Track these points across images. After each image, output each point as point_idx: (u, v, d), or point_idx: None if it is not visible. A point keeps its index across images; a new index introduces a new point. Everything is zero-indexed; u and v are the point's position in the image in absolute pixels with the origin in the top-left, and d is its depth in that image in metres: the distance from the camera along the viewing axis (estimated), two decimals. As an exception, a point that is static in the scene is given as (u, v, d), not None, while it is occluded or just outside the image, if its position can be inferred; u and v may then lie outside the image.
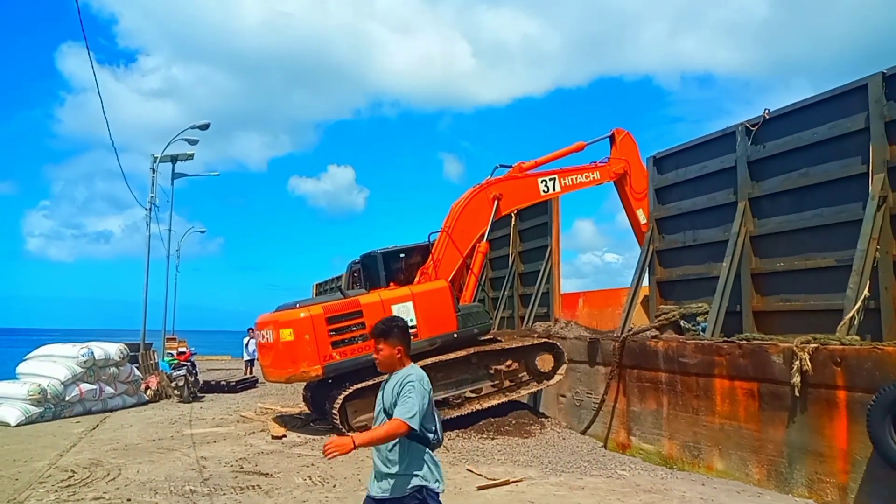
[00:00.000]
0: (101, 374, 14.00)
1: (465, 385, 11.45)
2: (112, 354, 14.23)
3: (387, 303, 11.31)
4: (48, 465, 8.99)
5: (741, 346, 7.77)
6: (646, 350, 9.46)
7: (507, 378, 11.64)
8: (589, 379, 11.14)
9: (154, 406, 15.24)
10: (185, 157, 23.19)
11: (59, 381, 12.93)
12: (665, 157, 11.05)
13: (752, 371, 7.60)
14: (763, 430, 7.45)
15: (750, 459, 7.64)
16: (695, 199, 10.33)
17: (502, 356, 11.67)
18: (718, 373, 8.09)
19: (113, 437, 11.18)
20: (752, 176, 9.17)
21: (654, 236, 11.16)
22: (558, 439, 10.75)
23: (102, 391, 13.96)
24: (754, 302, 8.94)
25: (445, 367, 11.28)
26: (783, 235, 8.64)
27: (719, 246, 9.71)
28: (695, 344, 8.52)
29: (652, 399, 9.40)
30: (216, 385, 17.65)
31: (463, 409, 11.20)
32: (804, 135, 8.33)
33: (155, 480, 7.99)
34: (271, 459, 9.18)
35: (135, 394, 15.22)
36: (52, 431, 11.73)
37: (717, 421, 8.14)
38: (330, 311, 11.03)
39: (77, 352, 13.50)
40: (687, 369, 8.59)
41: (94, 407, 13.81)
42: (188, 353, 16.79)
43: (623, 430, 10.07)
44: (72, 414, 13.25)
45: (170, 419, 13.17)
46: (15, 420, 12.10)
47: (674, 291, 10.77)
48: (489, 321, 12.14)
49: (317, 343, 10.67)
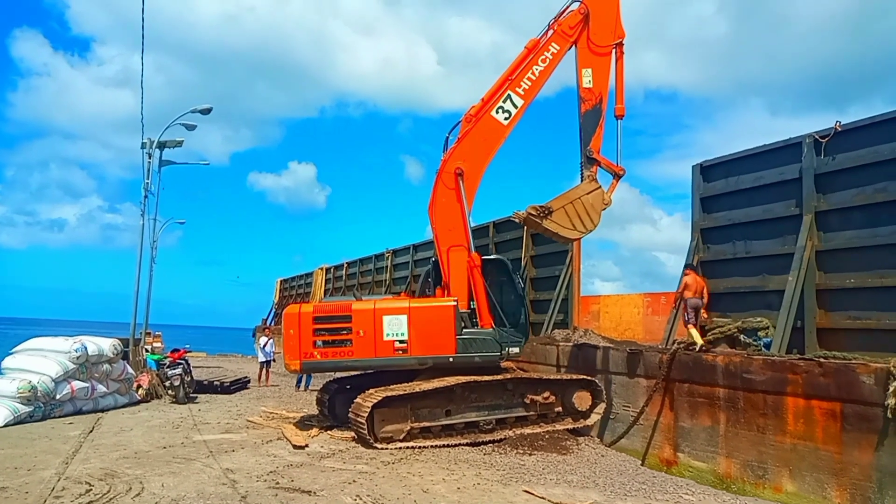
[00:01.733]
0: (93, 370, 12.96)
1: (497, 410, 10.93)
2: (105, 350, 13.21)
3: (379, 312, 10.97)
4: (55, 474, 8.11)
5: (821, 364, 7.48)
6: (701, 364, 9.12)
7: (541, 410, 11.15)
8: (627, 391, 10.76)
9: (148, 407, 14.22)
10: (173, 144, 21.99)
11: (51, 377, 11.88)
12: (713, 165, 10.77)
13: (834, 390, 7.30)
14: (846, 452, 7.16)
15: (829, 482, 7.34)
16: (748, 210, 10.07)
17: (540, 386, 11.16)
18: (792, 391, 7.78)
19: (116, 441, 10.27)
20: (817, 189, 8.94)
21: (699, 246, 10.86)
22: (597, 456, 10.34)
23: (94, 389, 12.92)
24: (818, 318, 8.70)
25: (479, 389, 10.78)
26: (853, 251, 8.41)
27: (776, 259, 9.47)
28: (763, 360, 8.21)
29: (706, 415, 9.05)
30: (209, 385, 16.68)
31: (494, 434, 10.69)
32: (882, 149, 8.11)
33: (187, 498, 7.22)
34: (305, 474, 8.48)
35: (126, 392, 14.18)
36: (46, 434, 10.72)
37: (787, 440, 7.83)
38: (319, 312, 11.19)
39: (69, 346, 12.44)
40: (752, 386, 8.26)
41: (84, 406, 12.77)
42: (182, 350, 15.79)
43: (668, 446, 9.71)
44: (62, 413, 12.21)
45: (171, 422, 12.25)
46: (3, 420, 11.04)
47: (720, 304, 10.48)
48: (497, 353, 10.96)
49: (300, 340, 10.93)
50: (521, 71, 11.33)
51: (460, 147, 11.53)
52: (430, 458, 9.66)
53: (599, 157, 10.96)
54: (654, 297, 18.05)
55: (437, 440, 10.38)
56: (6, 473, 8.10)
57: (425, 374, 11.06)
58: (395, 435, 10.26)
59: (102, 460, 8.92)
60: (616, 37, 11.05)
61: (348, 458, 9.49)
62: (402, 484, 8.08)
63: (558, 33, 11.17)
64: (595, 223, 10.76)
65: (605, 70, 11.02)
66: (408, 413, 10.40)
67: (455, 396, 10.61)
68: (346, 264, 32.52)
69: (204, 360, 29.75)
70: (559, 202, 10.76)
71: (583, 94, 10.93)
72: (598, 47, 10.94)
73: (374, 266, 28.47)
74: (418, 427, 10.42)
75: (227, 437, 10.93)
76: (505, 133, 11.46)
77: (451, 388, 10.46)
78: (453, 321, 10.82)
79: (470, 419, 10.72)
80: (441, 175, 11.54)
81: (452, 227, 11.51)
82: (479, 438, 10.55)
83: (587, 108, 10.93)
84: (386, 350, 10.83)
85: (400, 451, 9.98)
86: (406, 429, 10.33)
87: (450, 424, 10.63)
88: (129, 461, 8.91)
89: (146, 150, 19.97)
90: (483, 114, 11.39)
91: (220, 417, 13.02)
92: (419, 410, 10.46)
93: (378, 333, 10.84)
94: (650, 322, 17.48)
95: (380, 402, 10.17)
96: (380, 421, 10.25)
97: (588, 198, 10.77)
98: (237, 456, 9.48)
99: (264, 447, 10.21)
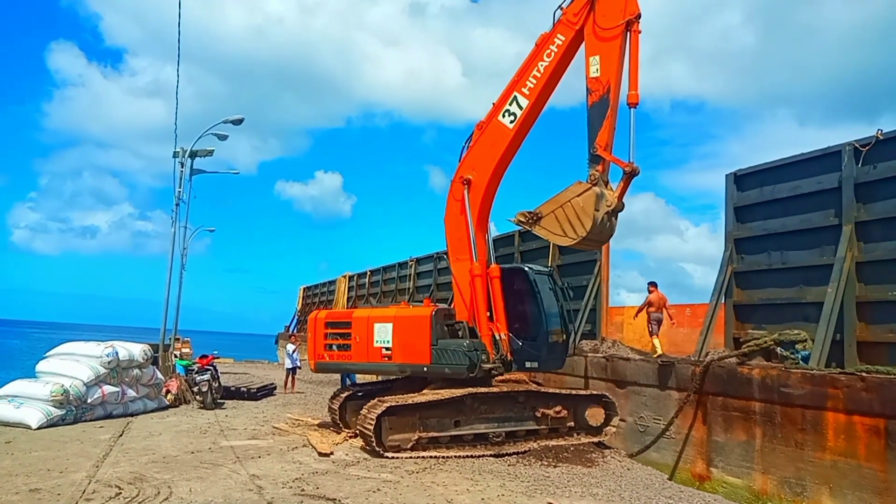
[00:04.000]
0: (123, 375, 13.15)
1: (507, 423, 10.75)
2: (136, 355, 13.39)
3: (372, 320, 11.58)
4: (86, 477, 8.22)
5: (864, 379, 7.21)
6: (736, 377, 8.87)
7: (553, 424, 10.94)
8: (657, 404, 10.52)
9: (176, 412, 14.37)
10: (204, 154, 22.35)
11: (82, 381, 12.08)
12: (747, 174, 10.52)
13: (878, 406, 7.03)
14: (892, 470, 6.88)
15: (872, 501, 7.05)
16: (784, 220, 9.80)
17: (552, 401, 10.98)
18: (832, 406, 7.52)
19: (146, 446, 10.37)
20: (857, 198, 8.66)
21: (733, 257, 10.60)
22: (622, 469, 10.12)
23: (125, 394, 13.11)
24: (859, 331, 8.41)
25: (489, 401, 10.63)
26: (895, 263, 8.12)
27: (813, 270, 9.19)
28: (801, 373, 7.95)
29: (741, 429, 8.80)
30: (236, 391, 16.79)
31: (503, 447, 10.45)
32: (927, 157, 7.84)
33: (214, 503, 7.25)
34: (330, 481, 8.44)
35: (156, 398, 14.35)
36: (77, 437, 10.89)
37: (828, 457, 7.56)
38: (330, 317, 12.43)
39: (101, 351, 12.66)
40: (790, 400, 8.01)
41: (115, 410, 12.95)
42: (210, 357, 15.94)
43: (701, 461, 9.46)
44: (93, 417, 12.39)
45: (199, 428, 12.35)
46: (36, 422, 11.24)
47: (754, 315, 10.21)
48: (463, 365, 10.42)
49: (315, 342, 12.19)
50: (523, 66, 10.60)
51: (469, 156, 11.24)
52: (454, 468, 9.54)
53: (605, 153, 9.56)
54: (679, 309, 17.63)
55: (446, 451, 10.19)
56: (39, 475, 8.22)
57: (436, 383, 10.97)
58: (403, 444, 10.12)
59: (132, 464, 9.01)
60: (627, 14, 9.51)
61: (373, 467, 9.43)
62: (426, 494, 7.99)
63: (562, 22, 10.21)
64: (586, 227, 9.44)
65: (613, 55, 9.58)
66: (416, 423, 10.26)
67: (464, 407, 10.46)
68: (369, 272, 32.59)
69: (231, 367, 30.04)
70: (549, 206, 9.84)
71: (589, 85, 9.70)
72: (606, 31, 9.64)
73: (397, 274, 28.48)
74: (426, 437, 10.27)
75: (254, 444, 10.96)
76: (510, 137, 10.68)
77: (461, 399, 10.34)
78: (429, 331, 10.76)
79: (479, 431, 10.54)
80: (452, 186, 11.43)
81: (460, 238, 11.36)
82: (492, 451, 10.32)
83: (594, 100, 9.64)
84: (375, 356, 11.34)
85: (424, 460, 9.88)
86: (414, 438, 10.18)
87: (459, 435, 10.44)
88: (158, 465, 8.99)
89: (178, 159, 20.31)
90: (490, 119, 10.93)
91: (247, 423, 13.09)
92: (427, 420, 10.32)
93: (370, 340, 11.42)
94: (674, 334, 17.09)
95: (387, 410, 10.10)
96: (387, 429, 10.13)
97: (578, 200, 9.56)
98: (263, 462, 9.49)
99: (290, 454, 10.21)
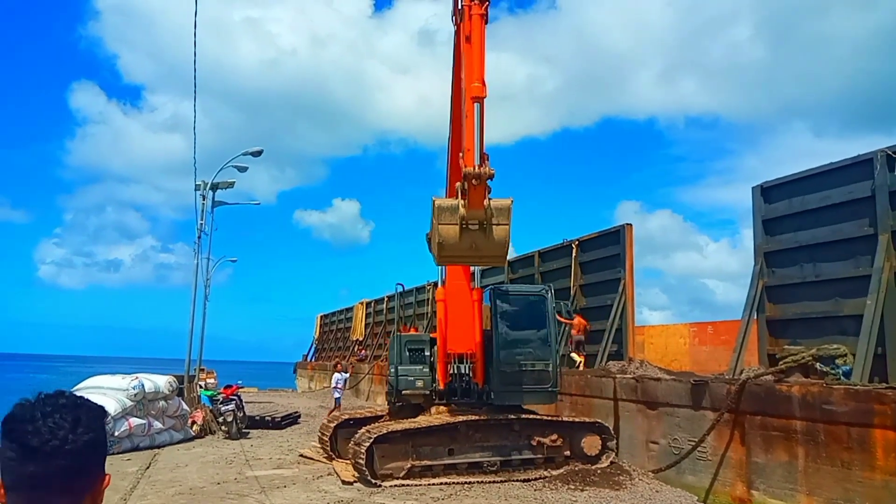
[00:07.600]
0: (150, 407, 13.16)
1: (502, 452, 10.52)
2: (161, 387, 13.42)
3: None
4: (115, 510, 8.14)
5: (911, 394, 6.91)
6: (774, 395, 8.57)
7: (549, 453, 10.67)
8: (692, 425, 10.18)
9: (202, 442, 14.30)
10: (225, 186, 22.62)
11: (110, 415, 12.07)
12: (774, 186, 10.33)
13: (928, 423, 6.71)
14: (947, 491, 6.53)
15: (929, 524, 6.69)
16: (814, 231, 9.57)
17: (548, 428, 10.75)
18: (880, 422, 7.20)
19: (172, 478, 10.30)
20: (892, 206, 8.43)
21: (763, 271, 10.35)
22: (651, 492, 9.80)
23: (151, 426, 13.09)
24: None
25: (483, 428, 10.45)
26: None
27: (849, 282, 8.93)
28: (845, 389, 7.65)
29: (782, 449, 8.46)
30: (260, 420, 16.70)
31: (498, 475, 10.17)
32: (963, 161, 7.62)
33: (243, 534, 7.12)
34: (359, 510, 8.28)
35: (181, 429, 14.32)
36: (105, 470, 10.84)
37: (878, 477, 7.21)
38: None
39: (127, 384, 12.70)
40: (834, 417, 7.69)
41: (141, 442, 12.93)
42: (235, 386, 15.91)
43: (741, 483, 9.10)
44: (120, 450, 12.36)
45: (224, 458, 12.26)
46: (64, 457, 11.23)
47: (789, 330, 9.91)
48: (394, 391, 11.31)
49: None
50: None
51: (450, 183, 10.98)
52: (479, 493, 9.32)
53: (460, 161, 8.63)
54: (701, 327, 17.12)
55: (441, 478, 9.96)
56: (67, 509, 8.17)
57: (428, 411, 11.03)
58: (396, 472, 9.92)
59: (159, 496, 8.94)
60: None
61: (398, 494, 9.25)
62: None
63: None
64: (434, 245, 8.55)
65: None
66: (409, 450, 10.08)
67: (458, 435, 10.30)
68: (386, 298, 32.48)
69: (255, 396, 29.97)
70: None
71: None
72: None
73: (415, 299, 28.29)
74: (419, 465, 10.07)
75: (279, 473, 10.84)
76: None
77: (455, 427, 10.19)
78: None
79: (474, 459, 10.31)
80: None
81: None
82: (482, 479, 10.04)
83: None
84: None
85: (450, 486, 9.69)
86: (406, 466, 9.99)
87: (453, 464, 10.23)
88: (185, 497, 8.91)
89: (200, 191, 20.59)
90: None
91: (272, 453, 12.97)
92: (420, 448, 10.14)
93: None
94: (697, 352, 16.60)
95: (380, 437, 9.93)
96: (380, 457, 9.95)
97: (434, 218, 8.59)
98: (289, 492, 9.36)
99: (315, 483, 10.07)
